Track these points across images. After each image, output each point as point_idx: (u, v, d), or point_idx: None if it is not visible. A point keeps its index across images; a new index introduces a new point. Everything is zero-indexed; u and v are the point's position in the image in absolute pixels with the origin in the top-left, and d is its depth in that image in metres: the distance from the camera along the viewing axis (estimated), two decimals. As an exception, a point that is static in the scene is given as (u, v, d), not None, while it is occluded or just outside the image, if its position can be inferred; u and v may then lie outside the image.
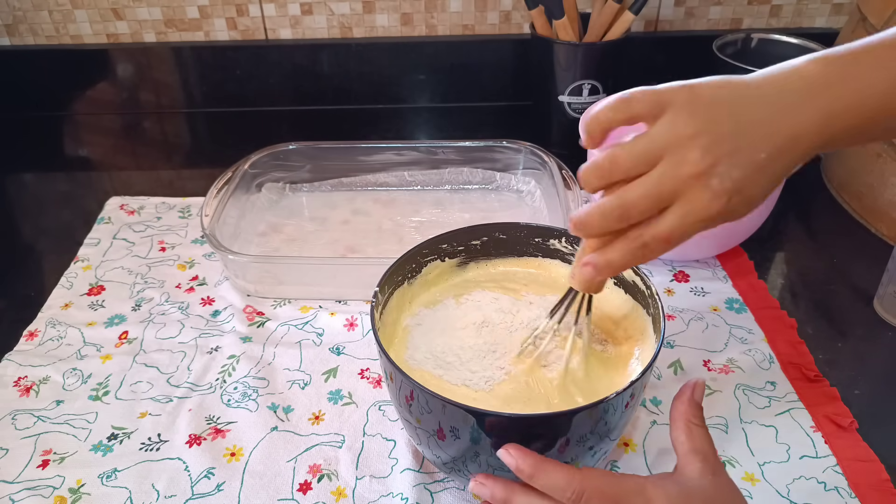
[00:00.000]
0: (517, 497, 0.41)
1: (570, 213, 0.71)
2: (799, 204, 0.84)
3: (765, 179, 0.37)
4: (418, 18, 1.03)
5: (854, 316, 0.68)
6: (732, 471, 0.54)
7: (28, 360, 0.64)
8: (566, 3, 0.88)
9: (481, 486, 0.42)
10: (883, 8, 0.75)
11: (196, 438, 0.57)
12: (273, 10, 1.02)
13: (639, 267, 0.52)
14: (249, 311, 0.70)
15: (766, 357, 0.63)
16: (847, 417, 0.57)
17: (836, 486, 0.52)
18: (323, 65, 1.04)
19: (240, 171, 0.80)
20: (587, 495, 0.38)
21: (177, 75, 1.06)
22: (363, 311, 0.70)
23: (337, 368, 0.64)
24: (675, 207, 0.37)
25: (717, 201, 0.36)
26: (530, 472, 0.39)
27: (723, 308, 0.69)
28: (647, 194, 0.37)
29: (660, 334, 0.47)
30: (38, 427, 0.58)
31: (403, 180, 0.86)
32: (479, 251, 0.59)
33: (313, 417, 0.59)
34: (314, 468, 0.55)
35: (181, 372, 0.63)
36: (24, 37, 1.04)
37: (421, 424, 0.46)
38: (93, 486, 0.54)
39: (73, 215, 0.86)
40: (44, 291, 0.73)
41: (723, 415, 0.58)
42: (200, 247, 0.79)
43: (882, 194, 0.77)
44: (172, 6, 1.01)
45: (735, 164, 0.36)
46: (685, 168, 0.36)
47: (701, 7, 1.02)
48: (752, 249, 0.76)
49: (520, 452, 0.40)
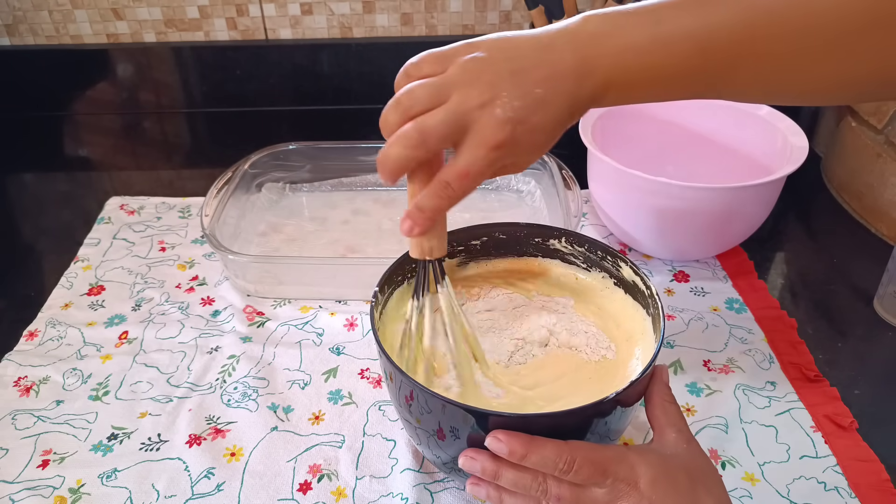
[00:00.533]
0: (505, 471, 0.42)
1: (570, 213, 0.71)
2: (799, 204, 0.84)
3: (545, 114, 0.41)
4: (418, 18, 1.03)
5: (854, 316, 0.68)
6: (732, 471, 0.54)
7: (28, 360, 0.64)
8: (566, 3, 0.88)
9: (471, 461, 0.43)
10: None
11: (196, 438, 0.57)
12: (273, 10, 1.02)
13: (639, 267, 0.52)
14: (249, 311, 0.70)
15: (766, 357, 0.63)
16: (847, 417, 0.57)
17: (836, 486, 0.52)
18: (323, 65, 1.04)
19: (240, 171, 0.80)
20: (578, 463, 0.40)
21: (177, 75, 1.06)
22: (363, 311, 0.70)
23: (337, 368, 0.64)
24: (466, 140, 0.41)
25: (502, 129, 0.40)
26: (523, 451, 0.40)
27: (723, 308, 0.69)
28: (444, 120, 0.40)
29: (660, 334, 0.47)
30: (38, 427, 0.58)
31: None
32: (479, 251, 0.59)
33: (313, 417, 0.59)
34: (314, 468, 0.55)
35: (181, 372, 0.63)
36: (24, 37, 1.04)
37: (421, 424, 0.46)
38: (93, 486, 0.53)
39: (73, 215, 0.86)
40: (44, 291, 0.73)
41: (723, 415, 0.58)
42: (200, 247, 0.79)
43: (882, 194, 0.77)
44: (172, 6, 1.01)
45: (515, 96, 0.40)
46: (472, 100, 0.40)
47: (701, 7, 1.02)
48: (752, 249, 0.76)
49: (508, 436, 0.41)
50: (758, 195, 0.67)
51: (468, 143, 0.41)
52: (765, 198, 0.68)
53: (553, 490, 0.41)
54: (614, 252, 0.54)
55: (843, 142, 0.84)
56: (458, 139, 0.41)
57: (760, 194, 0.67)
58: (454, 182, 0.42)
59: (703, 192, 0.65)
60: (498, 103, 0.40)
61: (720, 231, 0.70)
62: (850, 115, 0.83)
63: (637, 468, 0.41)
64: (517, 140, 0.41)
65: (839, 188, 0.85)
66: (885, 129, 0.77)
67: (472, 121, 0.40)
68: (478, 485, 0.44)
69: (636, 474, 0.41)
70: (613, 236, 0.78)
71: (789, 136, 0.71)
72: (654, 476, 0.41)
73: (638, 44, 0.40)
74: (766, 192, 0.68)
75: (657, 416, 0.45)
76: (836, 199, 0.84)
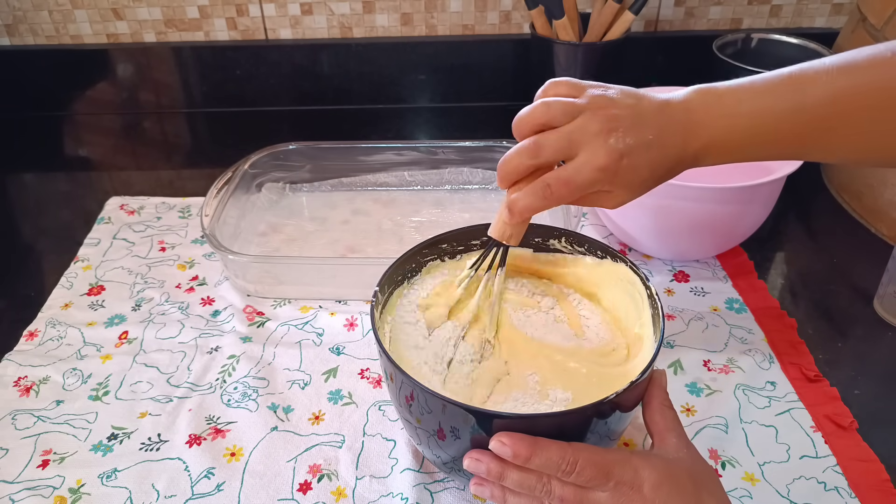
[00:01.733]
0: (510, 472, 0.42)
1: (569, 213, 0.71)
2: (799, 204, 0.84)
3: (648, 158, 0.46)
4: (418, 18, 1.03)
5: (854, 316, 0.68)
6: (732, 471, 0.54)
7: (28, 360, 0.64)
8: (566, 3, 0.88)
9: (476, 462, 0.43)
10: (883, 8, 0.75)
11: (196, 438, 0.57)
12: (273, 10, 1.02)
13: (639, 267, 0.52)
14: (249, 311, 0.70)
15: (766, 357, 0.63)
16: (847, 417, 0.57)
17: (836, 486, 0.52)
18: (323, 65, 1.04)
19: (240, 171, 0.80)
20: (580, 465, 0.40)
21: (177, 75, 1.06)
22: (363, 311, 0.70)
23: (337, 368, 0.64)
24: (578, 157, 0.45)
25: (610, 155, 0.44)
26: (527, 453, 0.41)
27: (723, 308, 0.69)
28: (560, 136, 0.45)
29: (660, 334, 0.47)
30: (38, 427, 0.58)
31: (403, 180, 0.86)
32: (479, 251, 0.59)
33: (313, 417, 0.59)
34: (314, 468, 0.55)
35: (181, 372, 0.63)
36: (24, 37, 1.04)
37: (421, 424, 0.46)
38: (93, 486, 0.54)
39: (73, 215, 0.86)
40: (44, 291, 0.73)
41: (723, 415, 0.58)
42: (200, 247, 0.79)
43: (882, 194, 0.77)
44: (172, 6, 1.01)
45: (630, 134, 0.45)
46: (593, 125, 0.45)
47: (701, 7, 1.02)
48: (752, 249, 0.76)
49: (512, 439, 0.41)
50: (758, 195, 0.67)
51: (578, 159, 0.45)
52: (765, 198, 0.68)
53: (557, 491, 0.42)
54: (614, 252, 0.54)
55: (843, 142, 0.84)
56: (570, 155, 0.45)
57: (760, 194, 0.67)
58: (555, 185, 0.46)
59: (703, 192, 0.65)
60: (614, 135, 0.45)
61: (720, 231, 0.70)
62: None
63: (641, 472, 0.41)
64: (619, 171, 0.45)
65: (839, 188, 0.85)
66: (885, 129, 0.76)
67: (586, 142, 0.45)
68: (482, 485, 0.44)
69: (640, 478, 0.41)
70: (613, 236, 0.78)
71: (789, 136, 0.71)
72: (658, 480, 0.41)
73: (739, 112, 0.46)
74: (766, 192, 0.68)
75: (656, 421, 0.46)
76: (836, 199, 0.84)
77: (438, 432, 0.45)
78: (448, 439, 0.45)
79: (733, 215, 0.68)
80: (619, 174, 0.45)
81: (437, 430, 0.45)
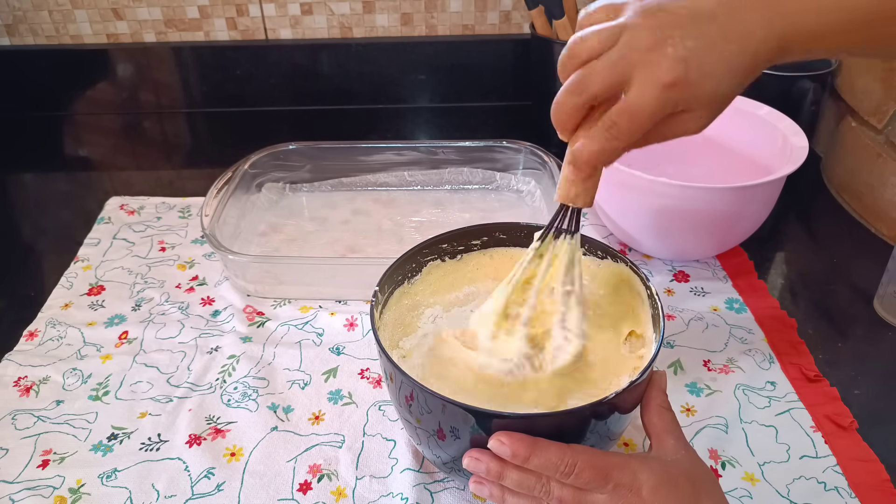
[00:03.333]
0: (509, 472, 0.42)
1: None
2: (799, 204, 0.84)
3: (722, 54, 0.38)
4: (418, 18, 1.03)
5: (854, 316, 0.68)
6: (732, 471, 0.54)
7: (28, 360, 0.64)
8: (566, 3, 0.88)
9: (476, 462, 0.43)
10: None
11: (196, 438, 0.57)
12: (273, 10, 1.02)
13: (639, 267, 0.52)
14: (249, 311, 0.70)
15: (766, 357, 0.63)
16: (847, 417, 0.57)
17: (836, 486, 0.52)
18: (323, 65, 1.04)
19: (240, 171, 0.80)
20: (579, 467, 0.40)
21: (177, 75, 1.06)
22: (363, 311, 0.70)
23: (337, 368, 0.64)
24: (635, 82, 0.38)
25: (674, 67, 0.38)
26: (526, 454, 0.41)
27: (723, 308, 0.69)
28: (606, 62, 0.39)
29: (660, 334, 0.47)
30: (38, 427, 0.58)
31: (403, 180, 0.86)
32: (479, 251, 0.59)
33: (313, 417, 0.59)
34: (314, 468, 0.55)
35: (181, 372, 0.63)
36: (24, 37, 1.04)
37: (421, 424, 0.46)
38: (93, 486, 0.53)
39: (73, 215, 0.86)
40: (44, 291, 0.73)
41: (723, 415, 0.58)
42: (200, 247, 0.79)
43: (882, 194, 0.77)
44: (172, 6, 1.01)
45: (689, 36, 0.38)
46: (641, 41, 0.38)
47: (701, 7, 1.02)
48: (752, 249, 0.76)
49: (511, 439, 0.41)
50: (758, 195, 0.67)
51: (637, 83, 0.38)
52: (765, 198, 0.68)
53: (556, 492, 0.42)
54: (614, 252, 0.54)
55: (843, 142, 0.84)
56: (624, 80, 0.39)
57: (760, 194, 0.67)
58: (620, 120, 0.39)
59: (703, 192, 0.65)
60: (669, 42, 0.37)
61: (720, 231, 0.70)
62: (850, 115, 0.83)
63: (639, 475, 0.41)
64: (691, 82, 0.38)
65: (839, 188, 0.85)
66: (885, 129, 0.76)
67: (640, 61, 0.38)
68: (481, 483, 0.44)
69: (638, 481, 0.41)
70: (613, 236, 0.78)
71: (789, 136, 0.71)
72: (657, 483, 0.41)
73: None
74: (766, 192, 0.68)
75: (654, 423, 0.46)
76: (836, 199, 0.84)
77: (438, 432, 0.45)
78: (448, 439, 0.45)
79: (733, 215, 0.68)
80: (690, 85, 0.38)
81: (436, 429, 0.45)
